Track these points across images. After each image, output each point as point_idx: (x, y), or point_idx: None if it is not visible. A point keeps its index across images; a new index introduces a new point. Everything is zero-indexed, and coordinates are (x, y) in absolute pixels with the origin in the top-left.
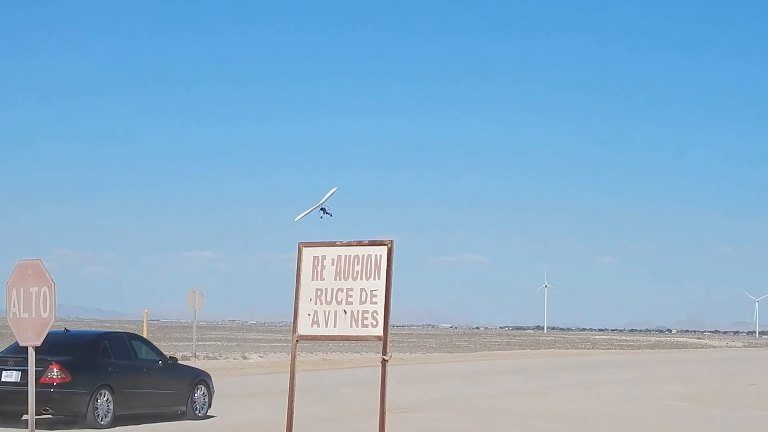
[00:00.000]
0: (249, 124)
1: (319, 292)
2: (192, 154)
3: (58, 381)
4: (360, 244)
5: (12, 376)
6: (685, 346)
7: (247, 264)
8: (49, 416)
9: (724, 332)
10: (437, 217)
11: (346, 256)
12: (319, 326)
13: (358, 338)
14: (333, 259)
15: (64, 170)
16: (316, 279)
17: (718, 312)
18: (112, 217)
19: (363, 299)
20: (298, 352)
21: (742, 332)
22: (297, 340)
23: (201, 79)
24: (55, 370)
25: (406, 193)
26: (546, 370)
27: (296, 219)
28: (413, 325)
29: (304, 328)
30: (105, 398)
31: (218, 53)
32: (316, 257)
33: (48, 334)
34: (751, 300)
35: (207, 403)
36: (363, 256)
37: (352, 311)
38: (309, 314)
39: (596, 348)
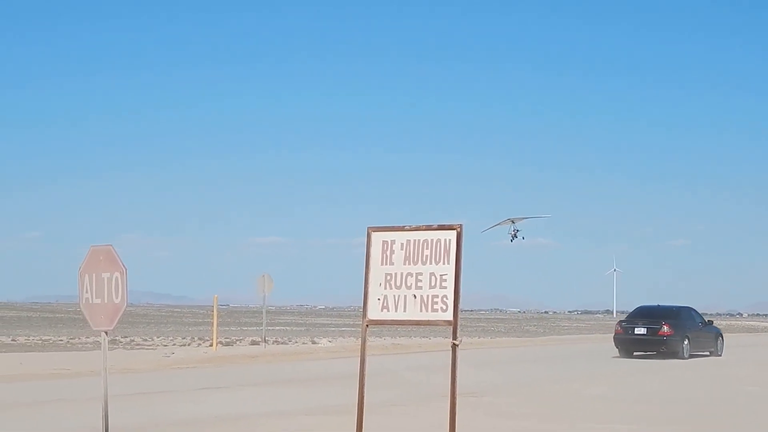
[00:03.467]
0: (320, 105)
1: (388, 277)
2: (261, 140)
3: (667, 334)
4: (429, 228)
5: (641, 330)
6: (756, 329)
7: (316, 249)
8: (659, 354)
9: None
10: (506, 201)
11: (415, 240)
12: (389, 311)
13: (428, 323)
14: (402, 244)
15: (133, 157)
16: (386, 264)
17: None
18: (181, 203)
19: (433, 284)
20: (367, 337)
21: None
22: (367, 325)
23: (263, 57)
24: (665, 327)
25: (474, 177)
26: (616, 355)
27: (482, 231)
28: (481, 310)
29: (374, 312)
30: (686, 343)
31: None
32: (385, 242)
33: (659, 307)
34: None
35: (722, 348)
36: (432, 240)
37: (421, 296)
38: (379, 299)
39: None
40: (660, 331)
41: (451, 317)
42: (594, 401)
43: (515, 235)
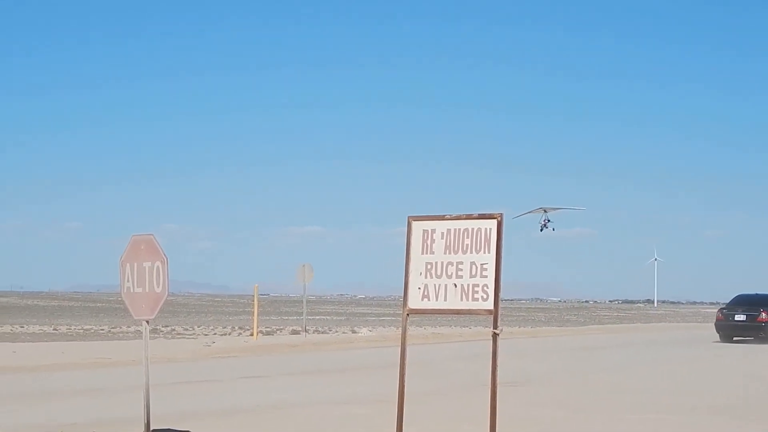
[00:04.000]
0: (359, 94)
1: (429, 266)
2: (298, 129)
3: (766, 320)
4: (469, 217)
5: (742, 317)
6: None
7: (355, 238)
8: (757, 339)
9: None
10: (546, 191)
11: (455, 229)
12: (429, 300)
13: (468, 312)
14: (442, 233)
15: (172, 146)
16: (426, 253)
17: None
18: (220, 192)
19: (473, 273)
20: (407, 326)
21: None
22: (408, 314)
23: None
24: (764, 314)
25: (512, 165)
26: (658, 344)
27: (513, 218)
28: (522, 299)
29: (415, 301)
30: None
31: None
32: (425, 231)
33: (757, 295)
34: None
35: None
36: (473, 229)
37: (462, 285)
38: (419, 288)
39: (707, 322)
40: (759, 317)
41: (491, 306)
42: (637, 393)
43: (546, 224)
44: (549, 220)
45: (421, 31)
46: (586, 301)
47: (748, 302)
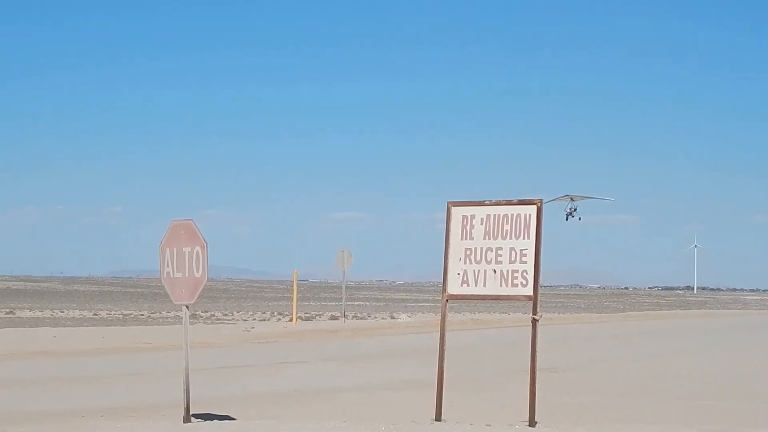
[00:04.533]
0: (399, 84)
1: (468, 252)
2: (340, 114)
3: None
4: (509, 203)
5: None
6: None
7: (394, 224)
8: None
9: None
10: (586, 178)
11: (495, 215)
12: (468, 285)
13: (508, 298)
14: (482, 219)
15: (213, 133)
16: (466, 238)
17: None
18: (261, 179)
19: (513, 258)
20: (447, 312)
21: None
22: (447, 300)
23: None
24: None
25: (552, 152)
26: (696, 331)
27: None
28: (561, 286)
29: (454, 287)
30: None
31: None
32: (465, 216)
33: None
34: None
35: None
36: (512, 215)
37: (501, 271)
38: (458, 273)
39: (747, 308)
40: None
41: (531, 292)
42: (678, 379)
43: (572, 213)
44: (575, 209)
45: (474, 16)
46: (626, 288)
47: None
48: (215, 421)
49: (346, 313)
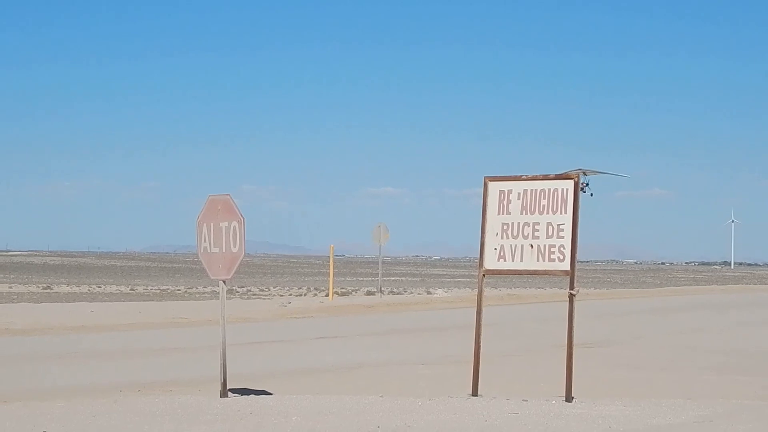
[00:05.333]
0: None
1: (505, 227)
2: (375, 91)
3: None
4: (546, 178)
5: None
6: None
7: (431, 199)
8: None
9: None
10: (624, 152)
11: (532, 190)
12: (505, 260)
13: (545, 272)
14: (519, 194)
15: (249, 108)
16: (503, 213)
17: None
18: (298, 154)
19: (550, 233)
20: (483, 287)
21: None
22: (483, 275)
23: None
24: None
25: (591, 128)
26: (733, 307)
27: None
28: (597, 261)
29: (491, 262)
30: None
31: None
32: (502, 191)
33: None
34: None
35: None
36: (549, 190)
37: (538, 245)
38: (495, 248)
39: None
40: None
41: (568, 267)
42: (714, 354)
43: (583, 189)
44: (587, 183)
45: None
46: (663, 263)
47: None
48: (252, 396)
49: (382, 289)
